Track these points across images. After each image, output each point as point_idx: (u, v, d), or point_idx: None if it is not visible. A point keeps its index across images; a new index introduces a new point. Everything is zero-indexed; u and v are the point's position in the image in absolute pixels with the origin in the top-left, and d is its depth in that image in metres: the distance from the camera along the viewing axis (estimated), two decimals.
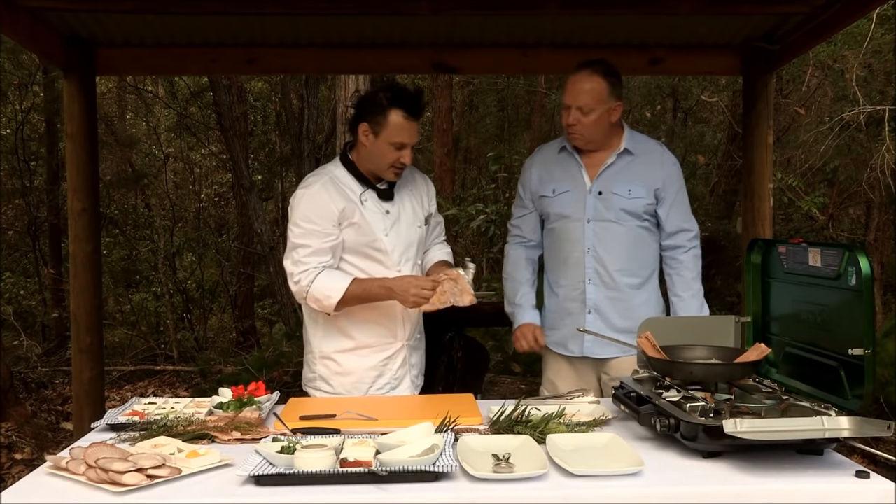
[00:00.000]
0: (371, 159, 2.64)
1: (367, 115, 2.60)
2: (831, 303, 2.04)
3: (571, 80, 2.87)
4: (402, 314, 2.72)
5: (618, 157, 2.92)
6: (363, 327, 2.70)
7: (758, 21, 3.54)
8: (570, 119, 2.85)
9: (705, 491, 1.70)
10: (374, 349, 2.72)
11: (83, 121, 3.67)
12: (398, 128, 2.57)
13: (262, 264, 9.71)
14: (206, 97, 10.13)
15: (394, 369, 2.74)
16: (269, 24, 3.55)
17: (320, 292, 2.57)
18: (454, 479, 1.74)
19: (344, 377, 2.72)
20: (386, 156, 2.60)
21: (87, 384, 3.68)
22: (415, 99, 2.59)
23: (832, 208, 7.96)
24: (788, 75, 7.59)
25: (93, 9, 3.31)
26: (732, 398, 2.10)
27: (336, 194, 2.63)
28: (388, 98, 2.56)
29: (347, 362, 2.72)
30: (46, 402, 6.79)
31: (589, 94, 2.82)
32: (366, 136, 2.61)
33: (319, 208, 2.61)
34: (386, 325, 2.72)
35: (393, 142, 2.57)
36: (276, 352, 7.23)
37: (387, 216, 2.69)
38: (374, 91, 2.68)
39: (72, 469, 1.76)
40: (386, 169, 2.64)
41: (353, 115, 2.67)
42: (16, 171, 9.49)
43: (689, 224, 2.99)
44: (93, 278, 3.72)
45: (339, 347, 2.72)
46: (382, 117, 2.56)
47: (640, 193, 2.88)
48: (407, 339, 2.77)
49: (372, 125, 2.58)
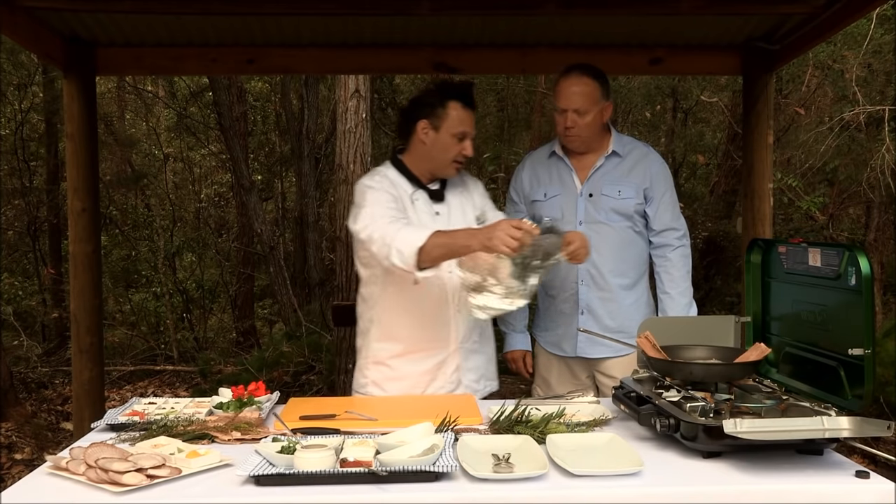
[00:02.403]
0: (432, 156, 2.67)
1: (425, 112, 2.65)
2: (831, 303, 2.04)
3: (563, 84, 2.92)
4: (454, 318, 2.69)
5: (606, 160, 3.00)
6: (413, 331, 2.68)
7: (758, 21, 3.54)
8: (567, 123, 2.90)
9: (705, 491, 1.70)
10: (426, 353, 2.69)
11: (83, 121, 3.67)
12: (458, 118, 2.62)
13: (262, 264, 9.72)
14: (206, 97, 10.13)
15: (447, 373, 2.71)
16: (269, 24, 3.55)
17: (403, 241, 2.42)
18: (454, 479, 1.74)
19: (397, 382, 2.70)
20: (449, 149, 2.64)
21: (87, 384, 3.68)
22: (468, 90, 2.66)
23: (832, 208, 7.96)
24: (788, 75, 7.58)
25: (93, 9, 3.30)
26: (732, 398, 2.10)
27: (393, 189, 2.65)
28: (444, 92, 2.64)
29: (400, 367, 2.70)
30: (46, 402, 6.80)
31: (583, 96, 2.88)
32: (425, 134, 2.64)
33: (384, 195, 2.62)
34: (436, 328, 2.69)
35: (455, 132, 2.62)
36: (276, 352, 7.23)
37: (436, 217, 2.69)
38: (425, 90, 2.72)
39: (72, 469, 1.76)
40: (449, 163, 2.67)
41: (405, 117, 2.70)
42: (15, 171, 9.48)
43: (677, 223, 3.05)
44: (93, 278, 3.72)
45: (390, 353, 2.70)
46: (441, 110, 2.62)
47: (629, 194, 2.96)
48: (461, 343, 2.72)
49: (431, 121, 2.63)
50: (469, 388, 2.74)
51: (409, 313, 2.67)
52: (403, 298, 2.65)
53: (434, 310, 2.67)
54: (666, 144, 8.85)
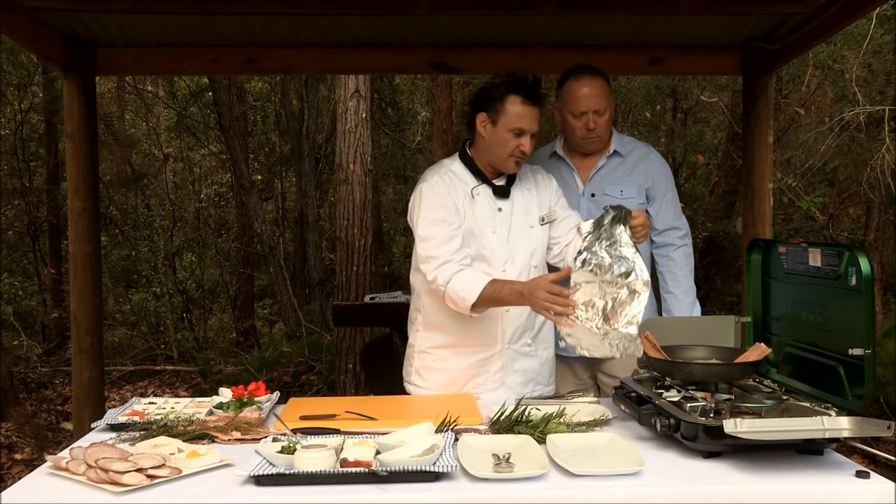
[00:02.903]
0: (490, 150, 2.59)
1: (485, 104, 2.58)
2: (831, 303, 2.04)
3: (578, 86, 2.90)
4: (503, 316, 2.64)
5: (608, 160, 3.01)
6: (462, 325, 2.62)
7: (758, 21, 3.54)
8: (590, 124, 2.89)
9: (705, 491, 1.70)
10: (472, 349, 2.65)
11: (83, 121, 3.67)
12: (516, 114, 2.53)
13: (262, 264, 9.72)
14: (206, 97, 10.13)
15: (490, 372, 2.65)
16: (269, 24, 3.55)
17: (456, 293, 2.45)
18: (454, 479, 1.74)
19: (439, 374, 2.66)
20: (506, 144, 2.55)
21: (87, 384, 3.68)
22: (532, 85, 2.56)
23: (832, 208, 7.95)
24: (788, 75, 7.57)
25: (93, 9, 3.30)
26: (732, 398, 2.10)
27: (452, 186, 2.60)
28: (505, 85, 2.55)
29: (443, 359, 2.66)
30: (46, 402, 6.80)
31: (600, 96, 2.89)
32: (484, 127, 2.58)
33: (439, 197, 2.57)
34: (484, 325, 2.62)
35: (512, 128, 2.53)
36: (276, 352, 7.23)
37: (498, 214, 2.63)
38: (489, 81, 2.62)
39: (72, 469, 1.76)
40: (506, 158, 2.58)
41: (470, 108, 2.64)
42: (15, 171, 9.49)
43: (679, 222, 3.06)
44: (93, 278, 3.72)
45: (437, 343, 2.67)
46: (500, 104, 2.54)
47: (631, 194, 2.96)
48: (509, 343, 2.66)
49: (490, 114, 2.56)
50: (513, 390, 2.64)
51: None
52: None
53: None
54: (666, 144, 8.85)
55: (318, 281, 9.10)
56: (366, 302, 4.51)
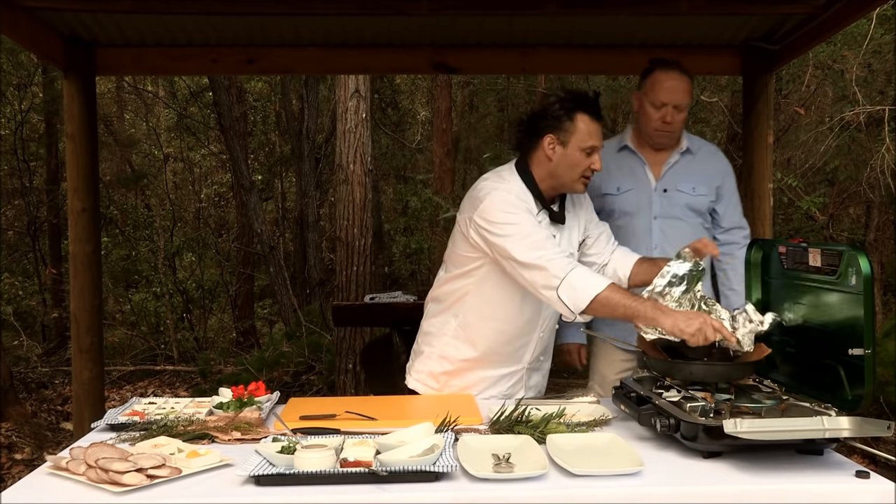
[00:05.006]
0: (559, 172, 2.49)
1: (551, 126, 2.47)
2: (831, 303, 2.04)
3: (664, 78, 2.90)
4: (538, 338, 2.62)
5: (681, 156, 3.04)
6: (496, 343, 2.57)
7: (758, 21, 3.54)
8: (667, 117, 2.91)
9: (705, 491, 1.70)
10: (498, 366, 2.61)
11: (83, 121, 3.67)
12: (588, 132, 2.46)
13: (262, 264, 9.73)
14: (206, 97, 10.14)
15: (506, 386, 2.64)
16: (269, 24, 3.55)
17: (578, 282, 2.28)
18: (454, 479, 1.74)
19: (455, 379, 2.63)
20: (578, 164, 2.47)
21: (87, 384, 3.68)
22: (596, 101, 2.50)
23: (832, 208, 7.95)
24: (788, 75, 7.58)
25: (93, 9, 3.30)
26: (732, 398, 2.10)
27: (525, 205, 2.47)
28: (572, 104, 2.47)
29: (466, 370, 2.61)
30: (46, 402, 6.80)
31: (686, 93, 2.92)
32: (552, 149, 2.47)
33: (519, 201, 2.44)
34: (518, 344, 2.59)
35: (584, 147, 2.45)
36: (276, 352, 7.23)
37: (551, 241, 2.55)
38: (551, 102, 2.52)
39: (72, 469, 1.76)
40: (577, 179, 2.49)
41: (527, 132, 2.53)
42: (15, 171, 9.50)
43: (743, 222, 3.13)
44: (93, 278, 3.72)
45: (465, 356, 2.60)
46: (570, 124, 2.45)
47: (703, 191, 3.02)
48: (530, 363, 2.65)
49: (558, 135, 2.46)
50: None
51: (495, 322, 2.55)
52: (494, 307, 2.54)
53: (521, 327, 2.58)
54: None
55: (318, 281, 9.11)
56: (366, 302, 4.51)
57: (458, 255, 2.56)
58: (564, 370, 6.09)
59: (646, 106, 2.95)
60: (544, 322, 2.61)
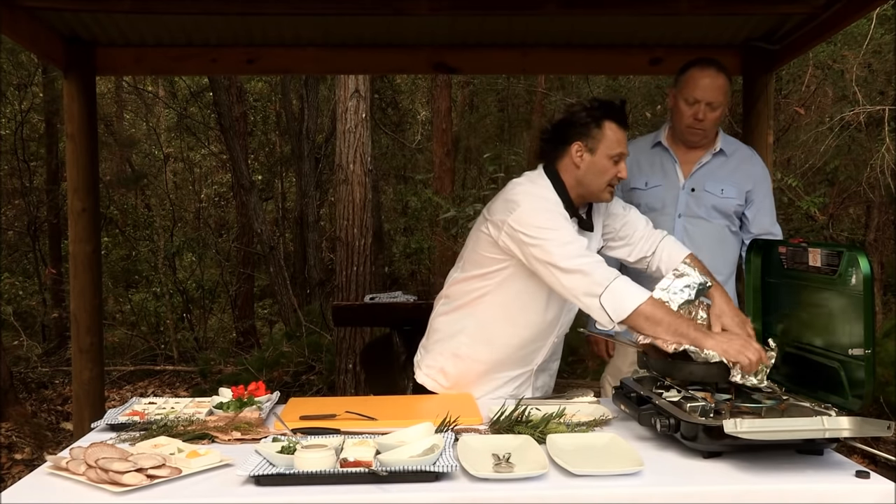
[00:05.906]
0: (587, 180, 2.47)
1: (579, 133, 2.46)
2: (831, 303, 2.04)
3: (700, 75, 2.87)
4: (552, 343, 2.62)
5: (713, 157, 3.00)
6: (512, 346, 2.57)
7: (758, 21, 3.54)
8: (699, 115, 2.88)
9: (705, 491, 1.70)
10: (512, 367, 2.62)
11: (83, 121, 3.67)
12: (616, 139, 2.45)
13: (262, 264, 9.73)
14: (206, 97, 10.14)
15: (511, 387, 2.64)
16: (269, 24, 3.55)
17: (621, 291, 2.26)
18: (454, 479, 1.74)
19: (466, 377, 2.62)
20: (606, 172, 2.46)
21: (87, 384, 3.68)
22: (623, 109, 2.50)
23: (832, 208, 7.95)
24: (788, 75, 7.58)
25: (93, 9, 3.31)
26: (732, 398, 2.10)
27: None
28: (599, 112, 2.46)
29: (478, 370, 2.61)
30: (46, 402, 6.80)
31: (721, 91, 2.87)
32: (580, 157, 2.45)
33: (555, 206, 2.43)
34: (529, 349, 2.59)
35: (612, 154, 2.44)
36: (276, 352, 7.24)
37: None
38: (577, 110, 2.51)
39: (72, 469, 1.76)
40: (604, 188, 2.48)
41: (554, 140, 2.52)
42: (16, 171, 9.50)
43: (774, 228, 3.06)
44: (93, 278, 3.72)
45: (480, 357, 2.59)
46: (598, 131, 2.44)
47: (731, 194, 2.97)
48: (539, 365, 2.65)
49: (586, 142, 2.45)
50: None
51: (513, 327, 2.55)
52: (514, 311, 2.53)
53: (539, 332, 2.57)
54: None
55: (318, 281, 9.11)
56: (366, 302, 4.51)
57: (481, 255, 2.53)
58: (565, 370, 6.11)
59: (679, 102, 2.92)
60: (560, 328, 2.62)
